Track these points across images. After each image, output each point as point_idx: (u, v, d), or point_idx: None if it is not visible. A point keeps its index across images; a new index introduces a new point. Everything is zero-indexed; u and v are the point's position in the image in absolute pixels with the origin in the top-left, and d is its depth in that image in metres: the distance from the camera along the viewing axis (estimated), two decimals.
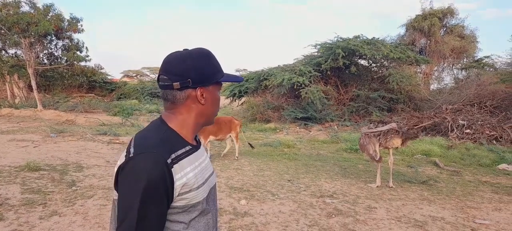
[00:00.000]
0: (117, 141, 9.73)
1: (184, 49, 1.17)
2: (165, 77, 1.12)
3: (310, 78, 15.52)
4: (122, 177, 1.03)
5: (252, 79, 18.83)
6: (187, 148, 1.13)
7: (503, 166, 7.71)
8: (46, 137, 10.00)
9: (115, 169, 1.07)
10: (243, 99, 20.03)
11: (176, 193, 1.05)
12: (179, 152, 1.09)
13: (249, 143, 8.64)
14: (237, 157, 7.91)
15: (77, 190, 5.14)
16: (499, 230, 4.18)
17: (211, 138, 7.45)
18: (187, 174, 1.08)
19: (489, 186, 6.25)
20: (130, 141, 1.11)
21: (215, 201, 1.28)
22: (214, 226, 1.23)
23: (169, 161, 1.03)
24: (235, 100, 20.58)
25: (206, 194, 1.16)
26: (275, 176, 6.49)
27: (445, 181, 6.56)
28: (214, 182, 1.28)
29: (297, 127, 14.25)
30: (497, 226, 4.30)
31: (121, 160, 1.06)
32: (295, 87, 15.17)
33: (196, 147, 1.20)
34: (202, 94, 1.14)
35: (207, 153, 1.18)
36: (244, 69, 28.79)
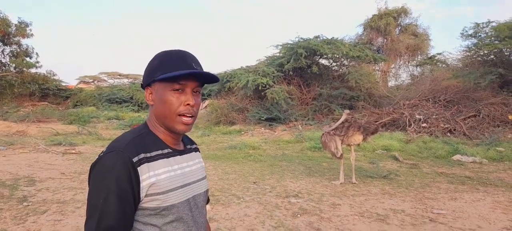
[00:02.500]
0: (73, 151, 9.25)
1: None
2: None
3: (273, 79, 15.62)
4: (91, 175, 1.06)
5: None
6: (165, 150, 1.13)
7: (457, 157, 8.12)
8: None
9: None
10: (206, 102, 19.81)
11: (143, 193, 1.05)
12: (153, 153, 1.09)
13: None
14: None
15: (29, 205, 4.79)
16: (455, 219, 4.36)
17: None
18: (159, 175, 1.07)
19: (445, 177, 6.54)
20: None
21: (202, 211, 1.23)
22: None
23: (135, 160, 1.03)
24: None
25: (183, 199, 1.13)
26: (240, 178, 6.42)
27: (404, 174, 6.79)
28: (202, 190, 1.24)
29: (262, 128, 14.28)
30: (453, 215, 4.48)
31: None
32: (259, 88, 15.20)
33: (180, 151, 1.19)
34: (150, 94, 1.14)
35: None
36: (207, 72, 28.59)
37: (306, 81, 17.15)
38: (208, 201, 1.38)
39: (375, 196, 5.31)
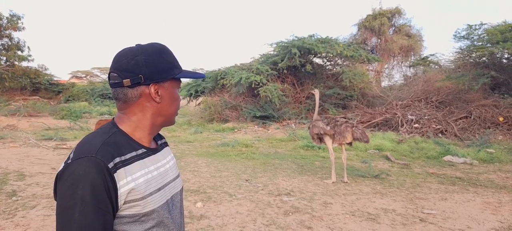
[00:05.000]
0: (64, 146, 9.16)
1: (136, 45, 1.09)
2: (115, 74, 1.04)
3: (267, 77, 15.60)
4: (59, 186, 0.94)
5: (209, 78, 18.60)
6: (140, 151, 1.05)
7: (448, 157, 8.18)
8: None
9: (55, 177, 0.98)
10: (200, 99, 19.75)
11: (121, 200, 0.96)
12: (128, 156, 1.01)
13: None
14: None
15: (18, 200, 4.74)
16: (445, 219, 4.40)
17: None
18: (137, 179, 0.99)
19: (436, 177, 6.60)
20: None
21: (181, 211, 1.18)
22: None
23: (111, 165, 0.94)
24: (192, 101, 20.24)
25: (162, 201, 1.06)
26: (232, 176, 6.40)
27: (396, 174, 6.83)
28: (178, 188, 1.18)
29: (256, 126, 14.27)
30: (443, 215, 4.52)
31: (61, 167, 0.97)
32: (253, 86, 15.18)
33: (154, 150, 1.12)
34: (157, 92, 1.06)
35: None
36: (201, 69, 28.55)
37: (300, 80, 17.16)
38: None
39: (366, 195, 5.34)
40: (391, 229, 4.06)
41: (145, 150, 1.08)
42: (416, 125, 11.77)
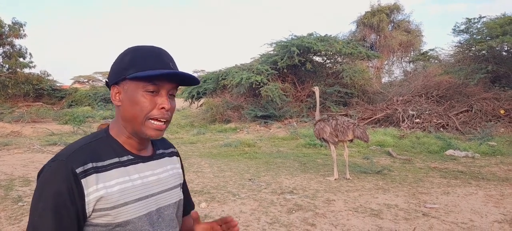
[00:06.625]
0: None
1: None
2: None
3: (267, 76, 15.64)
4: (35, 186, 0.96)
5: (210, 79, 18.68)
6: (124, 157, 1.01)
7: (450, 151, 8.21)
8: None
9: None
10: (201, 100, 19.81)
11: (89, 208, 0.92)
12: (106, 162, 0.97)
13: None
14: None
15: (24, 205, 4.79)
16: (448, 213, 4.43)
17: None
18: (110, 187, 0.95)
19: (438, 172, 6.63)
20: None
21: (171, 224, 1.09)
22: None
23: (79, 170, 0.91)
24: (193, 102, 20.30)
25: (142, 213, 1.00)
26: (236, 176, 6.45)
27: (398, 169, 6.87)
28: (171, 201, 1.10)
29: (258, 126, 14.32)
30: (445, 209, 4.56)
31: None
32: (253, 86, 15.23)
33: (144, 157, 1.06)
34: (117, 93, 1.01)
35: None
36: (202, 70, 28.65)
37: (300, 78, 17.20)
38: (193, 206, 1.33)
39: (369, 191, 5.38)
40: (394, 224, 4.10)
41: (132, 157, 1.03)
42: (417, 120, 11.79)
